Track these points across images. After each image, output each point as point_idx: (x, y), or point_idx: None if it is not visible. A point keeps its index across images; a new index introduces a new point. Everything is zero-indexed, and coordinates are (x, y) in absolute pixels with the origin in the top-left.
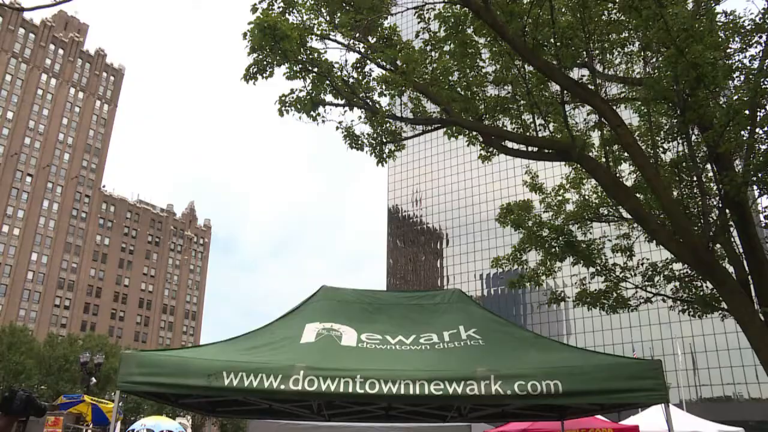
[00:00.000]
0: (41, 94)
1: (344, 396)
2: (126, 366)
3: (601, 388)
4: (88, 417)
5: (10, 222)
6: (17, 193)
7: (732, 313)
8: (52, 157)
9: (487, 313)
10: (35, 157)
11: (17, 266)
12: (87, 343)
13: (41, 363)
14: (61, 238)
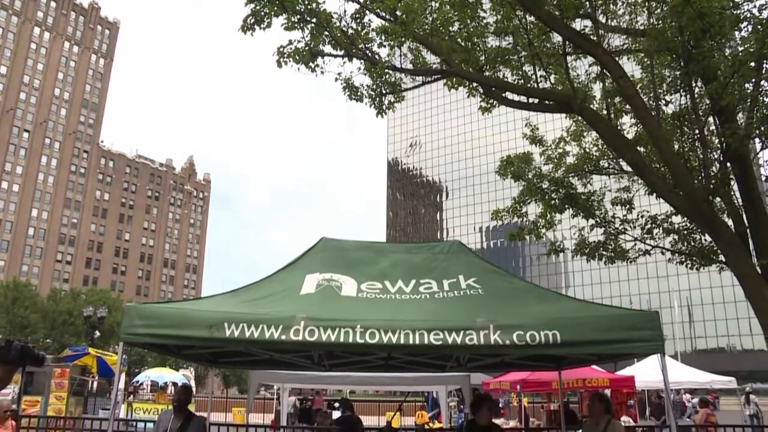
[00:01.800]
0: (35, 48)
1: (344, 346)
2: (128, 318)
3: (599, 339)
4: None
5: (9, 178)
6: (15, 149)
7: (729, 265)
8: (49, 113)
9: (486, 264)
10: (31, 113)
11: (18, 222)
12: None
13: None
14: (60, 194)
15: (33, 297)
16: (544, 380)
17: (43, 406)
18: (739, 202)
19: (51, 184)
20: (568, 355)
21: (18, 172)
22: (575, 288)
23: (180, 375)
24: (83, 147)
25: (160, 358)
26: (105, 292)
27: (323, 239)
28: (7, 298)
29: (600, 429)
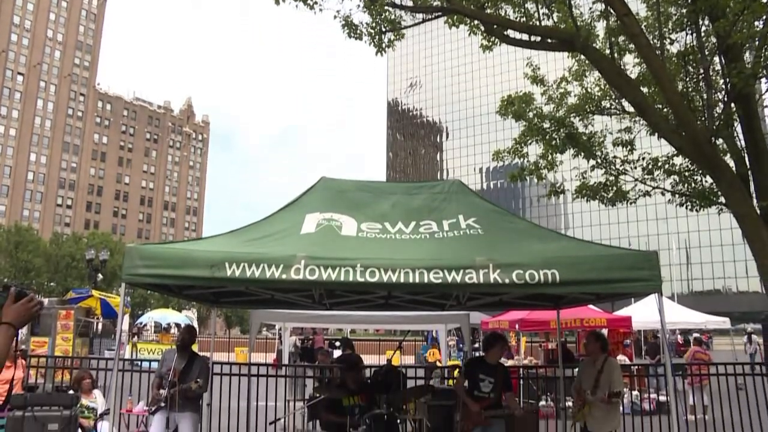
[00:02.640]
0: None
1: (345, 284)
2: (130, 259)
3: (598, 278)
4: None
5: (5, 123)
6: (9, 92)
7: (730, 206)
8: (43, 55)
9: (486, 204)
10: (24, 55)
11: (16, 167)
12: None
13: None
14: (58, 138)
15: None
16: (543, 320)
17: (50, 347)
18: (741, 144)
19: (48, 128)
20: (566, 295)
21: (14, 116)
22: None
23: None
24: (79, 90)
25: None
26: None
27: (323, 179)
28: (9, 242)
29: (597, 367)
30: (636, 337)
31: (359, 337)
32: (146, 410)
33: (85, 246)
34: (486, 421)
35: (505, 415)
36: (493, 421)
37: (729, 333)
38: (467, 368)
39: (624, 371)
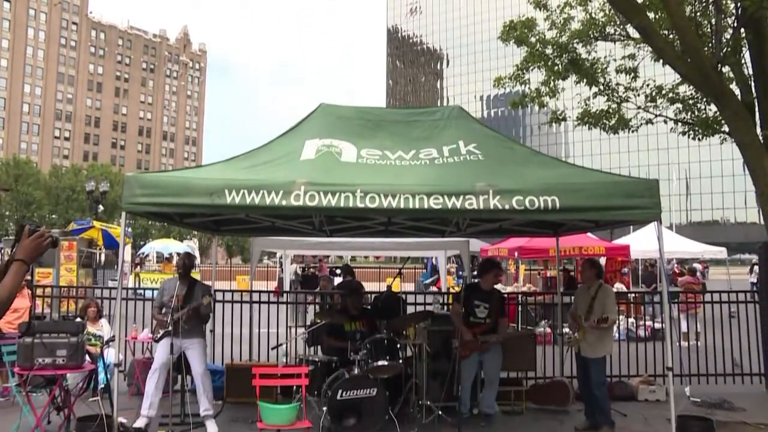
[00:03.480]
0: None
1: (344, 210)
2: (129, 188)
3: (598, 205)
4: (99, 241)
5: None
6: None
7: (733, 135)
8: None
9: (487, 130)
10: None
11: (11, 99)
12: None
13: (49, 194)
14: (52, 68)
15: (35, 174)
16: (542, 247)
17: (54, 278)
18: (749, 71)
19: (41, 58)
20: (566, 222)
21: (4, 46)
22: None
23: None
24: (71, 18)
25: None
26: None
27: (322, 105)
28: (9, 175)
29: (591, 293)
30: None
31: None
32: (150, 337)
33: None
34: (482, 346)
35: (501, 340)
36: (490, 347)
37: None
38: (463, 295)
39: (621, 299)
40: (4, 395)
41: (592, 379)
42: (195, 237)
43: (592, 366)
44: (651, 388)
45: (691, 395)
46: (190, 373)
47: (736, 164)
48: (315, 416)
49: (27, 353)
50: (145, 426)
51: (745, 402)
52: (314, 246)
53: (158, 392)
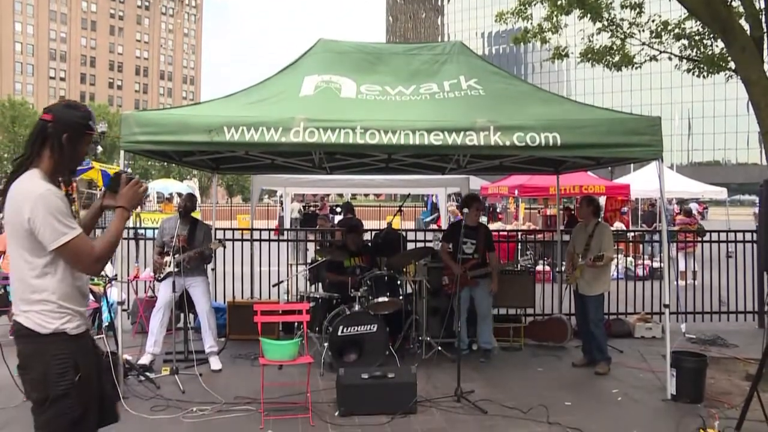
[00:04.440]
0: None
1: (344, 147)
2: (127, 126)
3: (599, 142)
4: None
5: None
6: None
7: (739, 71)
8: None
9: (488, 65)
10: None
11: (2, 38)
12: None
13: None
14: (43, 6)
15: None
16: (542, 185)
17: None
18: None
19: None
20: (567, 159)
21: None
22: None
23: (184, 185)
24: None
25: (164, 170)
26: (103, 107)
27: (321, 41)
28: (5, 117)
29: (588, 231)
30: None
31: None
32: (152, 277)
33: None
34: (472, 281)
35: (490, 274)
36: (479, 281)
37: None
38: (448, 233)
39: (620, 238)
40: (12, 334)
41: (590, 316)
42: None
43: (590, 303)
44: (647, 325)
45: (687, 332)
46: (193, 311)
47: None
48: (316, 352)
49: None
50: (150, 363)
51: (737, 339)
52: (314, 183)
53: (162, 330)
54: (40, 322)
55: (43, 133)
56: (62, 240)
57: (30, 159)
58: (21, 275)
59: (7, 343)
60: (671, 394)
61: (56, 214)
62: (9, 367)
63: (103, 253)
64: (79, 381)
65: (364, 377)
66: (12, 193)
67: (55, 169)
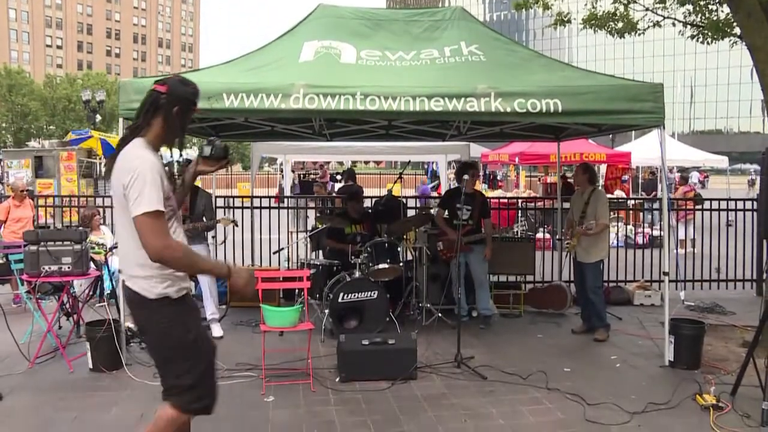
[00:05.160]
0: None
1: (344, 113)
2: (125, 94)
3: (600, 109)
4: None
5: None
6: None
7: (745, 38)
8: None
9: (489, 31)
10: None
11: None
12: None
13: (45, 104)
14: None
15: (29, 84)
16: (543, 153)
17: (56, 188)
18: None
19: None
20: (568, 126)
21: None
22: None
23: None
24: None
25: None
26: (101, 75)
27: (320, 6)
28: (2, 86)
29: (584, 199)
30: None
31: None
32: None
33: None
34: (466, 247)
35: (484, 240)
36: (474, 247)
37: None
38: (445, 199)
39: (621, 206)
40: (16, 302)
41: (587, 283)
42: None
43: (588, 271)
44: (647, 293)
45: (686, 300)
46: (194, 278)
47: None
48: (317, 319)
49: (33, 261)
50: None
51: (735, 306)
52: (314, 151)
53: None
54: (145, 286)
55: (156, 103)
56: (140, 210)
57: (140, 128)
58: (124, 242)
59: (10, 311)
60: (669, 360)
61: (148, 184)
62: (13, 335)
63: (173, 253)
64: (193, 340)
65: (364, 344)
66: (119, 159)
67: (160, 140)
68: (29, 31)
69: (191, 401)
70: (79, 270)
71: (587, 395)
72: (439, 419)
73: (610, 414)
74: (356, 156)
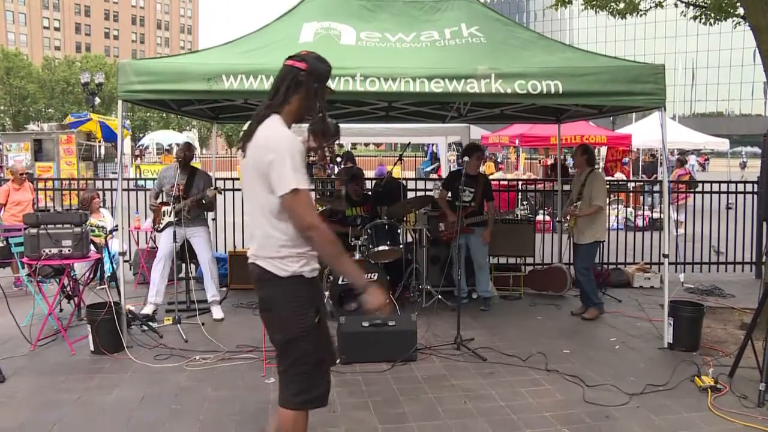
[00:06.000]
0: None
1: (344, 94)
2: (124, 75)
3: (601, 90)
4: (98, 134)
5: None
6: None
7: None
8: None
9: (490, 12)
10: None
11: None
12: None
13: (43, 87)
14: None
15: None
16: (543, 135)
17: (55, 171)
18: None
19: None
20: (568, 108)
21: None
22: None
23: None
24: None
25: (163, 121)
26: (100, 58)
27: None
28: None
29: (582, 180)
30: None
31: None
32: (153, 228)
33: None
34: (468, 229)
35: (485, 223)
36: (475, 229)
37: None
38: (448, 180)
39: (621, 189)
40: (17, 285)
41: (576, 264)
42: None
43: (579, 251)
44: (646, 275)
45: (685, 282)
46: (194, 261)
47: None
48: None
49: (33, 244)
50: (153, 312)
51: (734, 289)
52: None
53: (164, 280)
54: (279, 265)
55: (296, 80)
56: (289, 187)
57: (279, 105)
58: (259, 220)
59: (11, 294)
60: (668, 342)
61: (297, 163)
62: (15, 318)
63: (324, 234)
64: (318, 322)
65: (364, 325)
66: (258, 136)
67: (294, 116)
68: (26, 12)
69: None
70: (79, 253)
71: (586, 377)
72: (439, 401)
73: (609, 395)
74: (356, 138)
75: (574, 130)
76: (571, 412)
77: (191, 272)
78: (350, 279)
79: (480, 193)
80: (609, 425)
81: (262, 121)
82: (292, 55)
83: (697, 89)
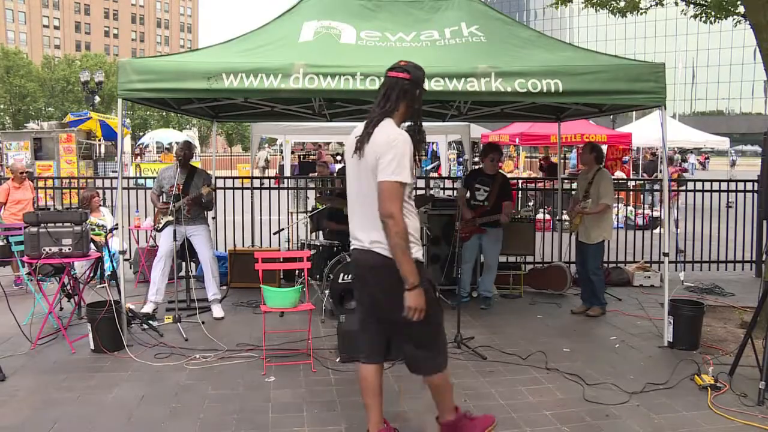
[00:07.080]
0: None
1: (344, 93)
2: (124, 74)
3: (601, 89)
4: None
5: None
6: None
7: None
8: None
9: (490, 11)
10: None
11: None
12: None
13: (43, 86)
14: None
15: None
16: (543, 134)
17: (55, 170)
18: None
19: None
20: (568, 106)
21: None
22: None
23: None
24: None
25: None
26: (100, 56)
27: None
28: None
29: (588, 178)
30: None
31: None
32: (152, 227)
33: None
34: (481, 229)
35: (498, 222)
36: (489, 230)
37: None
38: (467, 179)
39: (621, 187)
40: (17, 284)
41: (588, 265)
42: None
43: (589, 251)
44: (647, 274)
45: (685, 281)
46: (194, 259)
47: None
48: (317, 299)
49: (34, 243)
50: (153, 311)
51: (734, 287)
52: (314, 131)
53: (164, 279)
54: None
55: (403, 89)
56: (390, 176)
57: (392, 111)
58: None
59: (11, 293)
60: (668, 341)
61: (406, 158)
62: (15, 316)
63: (398, 225)
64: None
65: None
66: (375, 137)
67: (402, 119)
68: (26, 11)
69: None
70: (79, 251)
71: (586, 375)
72: None
73: (609, 394)
74: None
75: (575, 128)
76: (571, 410)
77: (191, 271)
78: (404, 273)
79: (496, 193)
80: (609, 424)
81: (377, 125)
82: (393, 67)
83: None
